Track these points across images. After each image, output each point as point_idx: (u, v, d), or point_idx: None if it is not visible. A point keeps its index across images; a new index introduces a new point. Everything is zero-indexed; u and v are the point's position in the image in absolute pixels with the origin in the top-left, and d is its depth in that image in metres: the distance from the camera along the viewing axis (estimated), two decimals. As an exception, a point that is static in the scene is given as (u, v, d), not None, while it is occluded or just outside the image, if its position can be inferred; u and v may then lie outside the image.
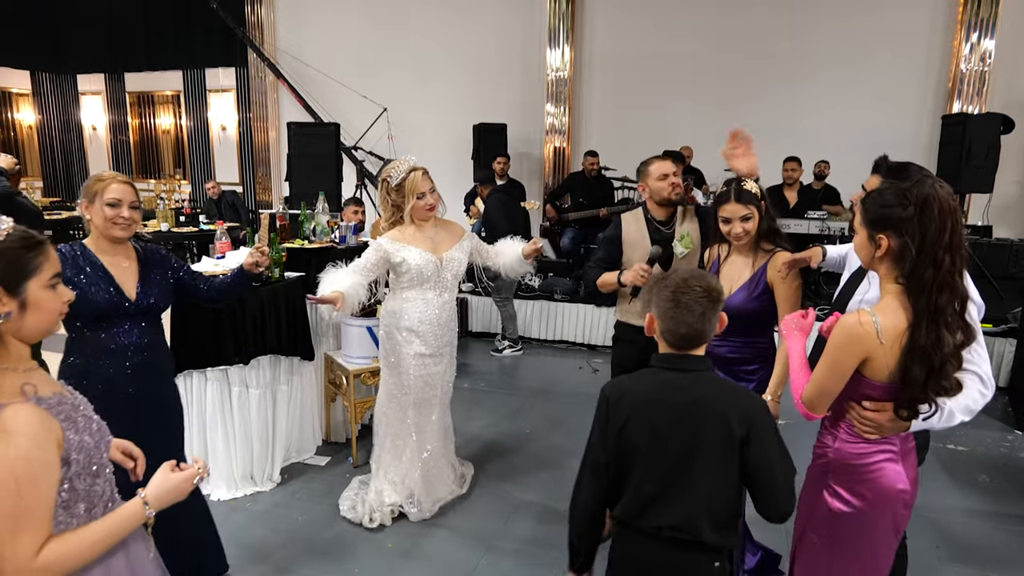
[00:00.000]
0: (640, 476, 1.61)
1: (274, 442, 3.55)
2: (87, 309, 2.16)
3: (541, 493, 3.49)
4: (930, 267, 1.55)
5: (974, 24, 6.93)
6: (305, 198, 4.99)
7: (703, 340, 1.61)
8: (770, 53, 7.65)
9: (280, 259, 3.60)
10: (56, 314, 1.35)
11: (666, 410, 1.58)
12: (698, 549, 1.59)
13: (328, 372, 4.01)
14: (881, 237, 1.62)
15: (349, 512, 3.22)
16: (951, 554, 3.02)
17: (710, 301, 1.57)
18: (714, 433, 1.55)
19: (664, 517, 1.59)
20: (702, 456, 1.56)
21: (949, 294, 1.56)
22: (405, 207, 3.06)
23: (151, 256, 2.41)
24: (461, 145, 8.29)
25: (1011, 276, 5.89)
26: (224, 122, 10.74)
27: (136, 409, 2.22)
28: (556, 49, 8.30)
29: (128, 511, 1.34)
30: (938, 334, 1.55)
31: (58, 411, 1.27)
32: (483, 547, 3.02)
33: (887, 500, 1.72)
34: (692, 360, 1.61)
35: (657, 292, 1.63)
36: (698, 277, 1.60)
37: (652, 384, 1.63)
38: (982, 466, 3.90)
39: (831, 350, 1.65)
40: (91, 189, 2.21)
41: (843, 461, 1.74)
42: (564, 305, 6.26)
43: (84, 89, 11.56)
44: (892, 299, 1.62)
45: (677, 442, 1.57)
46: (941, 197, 1.57)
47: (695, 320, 1.57)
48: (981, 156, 5.67)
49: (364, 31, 9.18)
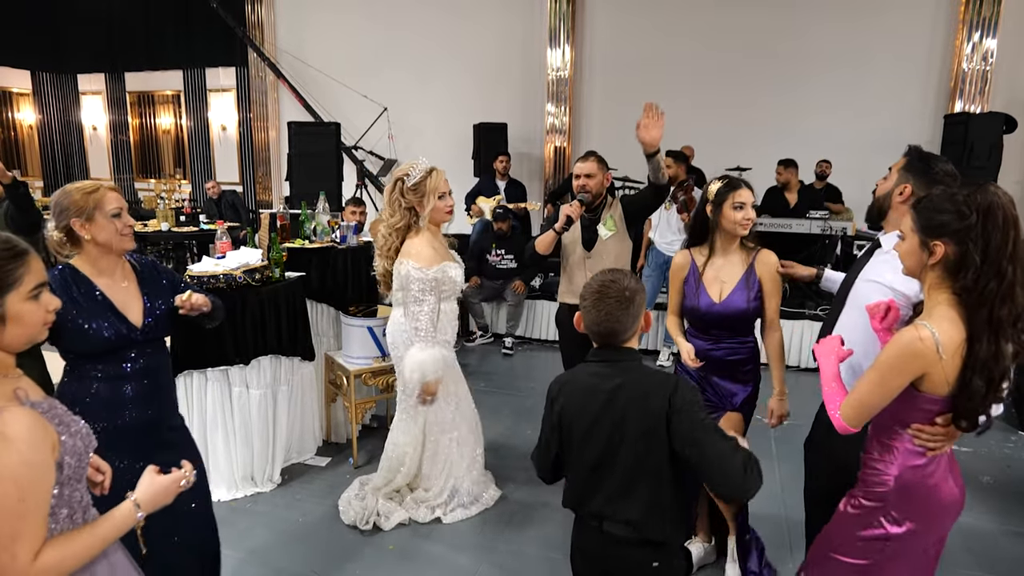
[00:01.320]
0: (577, 463, 1.74)
1: (274, 442, 3.54)
2: (87, 346, 1.92)
3: (542, 494, 3.47)
4: (994, 279, 1.49)
5: (976, 23, 6.91)
6: (306, 198, 4.98)
7: (621, 336, 1.69)
8: (771, 53, 7.64)
9: (281, 259, 3.59)
10: (40, 325, 1.31)
11: (594, 399, 1.69)
12: (635, 545, 1.67)
13: (329, 372, 4.00)
14: (937, 244, 1.54)
15: (347, 513, 3.21)
16: (953, 555, 3.00)
17: (620, 302, 1.65)
18: (637, 415, 1.64)
19: (599, 503, 1.69)
20: (629, 441, 1.64)
21: (1011, 305, 1.50)
22: (424, 208, 2.89)
23: (149, 271, 2.15)
24: (461, 145, 8.27)
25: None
26: (224, 122, 10.73)
27: (141, 434, 2.05)
28: (557, 49, 8.29)
29: (120, 514, 1.33)
30: (998, 347, 1.50)
31: (52, 415, 1.26)
32: (485, 549, 3.01)
33: (944, 515, 1.68)
34: (619, 351, 1.71)
35: (581, 293, 1.75)
36: (613, 280, 1.69)
37: (584, 376, 1.75)
38: (985, 467, 3.88)
39: (882, 367, 1.56)
40: (84, 204, 1.92)
41: (905, 486, 1.65)
42: (564, 305, 6.25)
43: (84, 89, 11.55)
44: (946, 309, 1.54)
45: (605, 429, 1.67)
46: (1005, 205, 1.51)
47: (604, 319, 1.67)
48: (983, 156, 5.66)
49: (364, 30, 9.17)
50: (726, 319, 2.47)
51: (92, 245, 1.95)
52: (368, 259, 4.07)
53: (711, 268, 2.52)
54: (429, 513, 3.21)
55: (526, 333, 6.40)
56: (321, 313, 4.00)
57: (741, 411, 2.55)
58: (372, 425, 4.24)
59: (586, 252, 3.24)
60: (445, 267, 2.94)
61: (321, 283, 3.87)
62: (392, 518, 3.14)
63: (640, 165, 3.36)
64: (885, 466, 1.67)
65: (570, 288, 3.31)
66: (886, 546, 1.68)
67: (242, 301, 3.28)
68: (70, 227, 1.93)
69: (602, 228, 3.23)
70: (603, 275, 1.72)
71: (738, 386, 2.55)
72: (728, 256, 2.51)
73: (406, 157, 9.22)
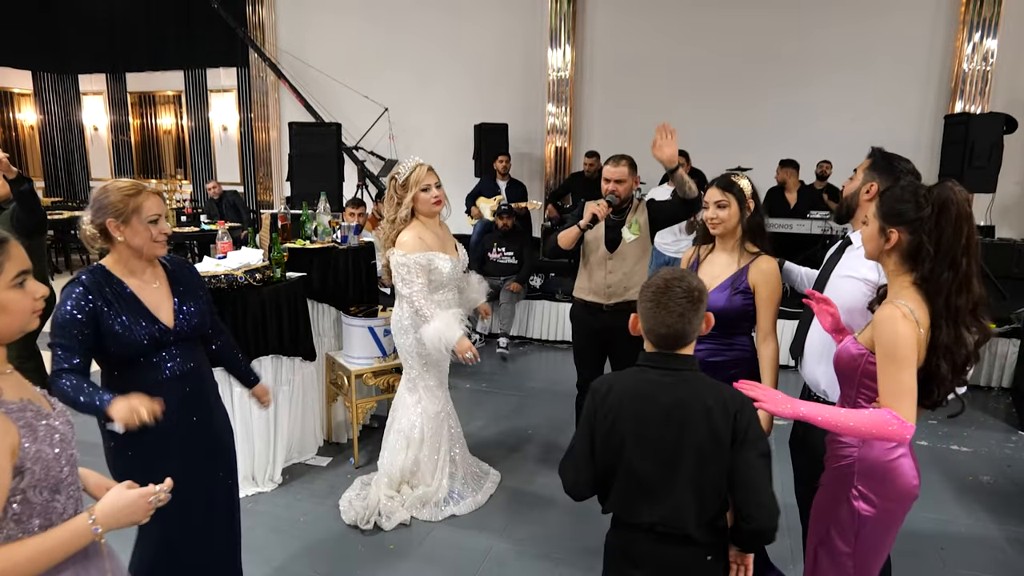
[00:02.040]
0: (627, 472, 1.61)
1: (276, 443, 3.55)
2: (122, 350, 1.91)
3: (543, 493, 3.48)
4: (948, 269, 1.58)
5: (976, 24, 6.91)
6: (306, 198, 4.99)
7: (686, 340, 1.60)
8: (772, 54, 7.64)
9: (282, 259, 3.60)
10: (28, 313, 1.27)
11: (651, 408, 1.59)
12: (688, 543, 1.59)
13: (330, 372, 4.00)
14: (892, 231, 1.64)
15: (348, 513, 3.22)
16: (955, 555, 3.00)
17: (690, 302, 1.56)
18: (700, 431, 1.55)
19: (653, 514, 1.59)
20: (689, 454, 1.56)
21: (967, 296, 1.59)
22: (408, 201, 3.08)
23: (180, 270, 2.13)
24: (462, 145, 8.28)
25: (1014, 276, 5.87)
26: (225, 122, 10.74)
27: (188, 442, 2.04)
28: (557, 49, 8.29)
29: (72, 527, 1.22)
30: (958, 333, 1.58)
31: (18, 416, 1.19)
32: (485, 548, 3.01)
33: (906, 496, 1.73)
34: (677, 359, 1.61)
35: (640, 293, 1.64)
36: (679, 278, 1.59)
37: (637, 382, 1.63)
38: (986, 467, 3.89)
39: (894, 349, 1.57)
40: (124, 207, 1.89)
41: (868, 462, 1.72)
42: (566, 305, 6.25)
43: (85, 89, 11.56)
44: (911, 292, 1.63)
45: (663, 440, 1.57)
46: (959, 201, 1.59)
47: (674, 321, 1.56)
48: (984, 156, 5.65)
49: (365, 31, 9.18)
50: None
51: (124, 247, 1.94)
52: (369, 260, 4.09)
53: (707, 263, 2.54)
54: (436, 511, 3.24)
55: (523, 333, 6.41)
56: (322, 313, 4.01)
57: None
58: (373, 425, 4.24)
59: (608, 252, 3.26)
60: (431, 256, 3.06)
61: (322, 283, 3.88)
62: (393, 518, 3.15)
63: (640, 165, 3.36)
64: (848, 437, 1.73)
65: (589, 285, 3.32)
66: (864, 525, 1.73)
67: (243, 301, 3.29)
68: (105, 226, 1.91)
69: (627, 231, 3.24)
70: (668, 273, 1.61)
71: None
72: (727, 253, 2.51)
73: (407, 158, 9.23)
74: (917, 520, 3.24)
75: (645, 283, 1.64)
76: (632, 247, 3.25)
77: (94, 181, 11.91)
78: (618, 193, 3.20)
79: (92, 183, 11.92)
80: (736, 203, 2.43)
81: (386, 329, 3.79)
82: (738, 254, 2.48)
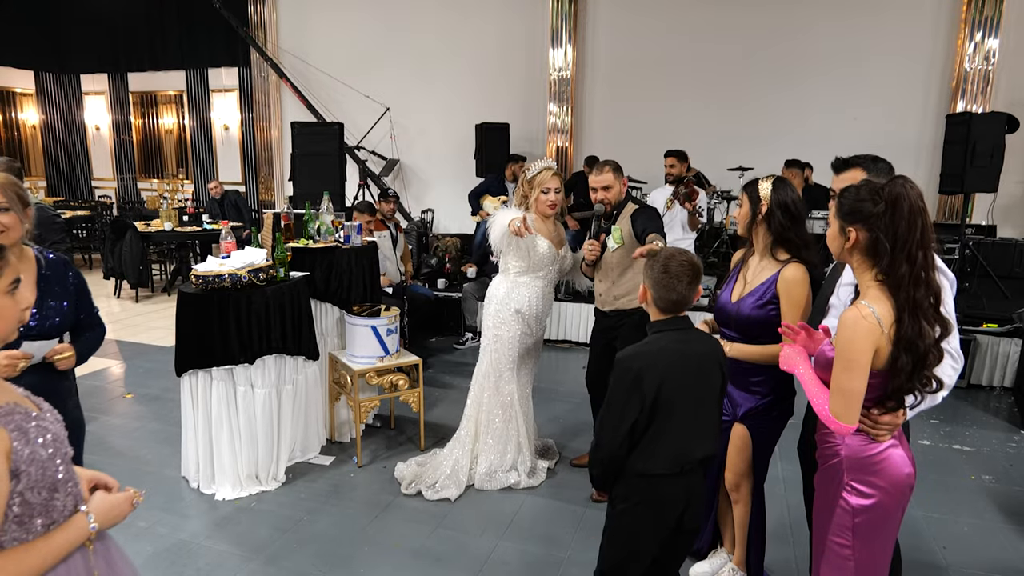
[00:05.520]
0: (677, 426, 1.88)
1: (279, 441, 3.56)
2: None
3: (545, 491, 3.49)
4: (905, 263, 1.65)
5: (978, 23, 6.91)
6: (309, 198, 4.99)
7: (687, 305, 1.92)
8: (774, 53, 7.65)
9: (285, 259, 3.61)
10: (15, 321, 1.28)
11: (688, 364, 1.89)
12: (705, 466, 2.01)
13: (333, 372, 4.01)
14: (851, 230, 1.73)
15: (401, 469, 3.57)
16: (956, 555, 3.01)
17: (693, 273, 1.90)
18: (716, 377, 1.94)
19: (705, 449, 1.94)
20: (710, 398, 1.94)
21: (925, 288, 1.65)
22: (530, 198, 3.38)
23: (54, 269, 2.11)
24: (463, 144, 8.29)
25: (1015, 276, 5.87)
26: (227, 122, 10.76)
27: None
28: (559, 48, 8.30)
29: (72, 525, 1.28)
30: (920, 325, 1.64)
31: (7, 421, 1.19)
32: (489, 545, 3.02)
33: (899, 485, 1.76)
34: (683, 320, 1.94)
35: (649, 266, 1.94)
36: (681, 252, 1.93)
37: (666, 345, 1.90)
38: (987, 467, 3.89)
39: (844, 351, 1.67)
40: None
41: (855, 456, 1.77)
42: (567, 305, 6.26)
43: (87, 89, 11.58)
44: (876, 291, 1.70)
45: (700, 387, 1.91)
46: (911, 197, 1.65)
47: (683, 288, 1.88)
48: (985, 156, 5.65)
49: (366, 31, 9.19)
50: (731, 319, 2.45)
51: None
52: (370, 260, 4.10)
53: (749, 268, 2.47)
54: (494, 480, 3.49)
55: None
56: (325, 313, 4.02)
57: (745, 423, 2.45)
58: (376, 425, 4.25)
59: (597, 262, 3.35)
60: (533, 238, 3.34)
61: (325, 283, 3.89)
62: (442, 492, 3.40)
63: (641, 165, 3.39)
64: (835, 438, 1.81)
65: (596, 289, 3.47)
66: (860, 518, 1.77)
67: (247, 301, 3.30)
68: None
69: (609, 240, 3.25)
70: (682, 255, 1.90)
71: (744, 395, 2.45)
72: (760, 260, 2.44)
73: (408, 157, 9.25)
74: (919, 519, 3.25)
75: (650, 260, 1.92)
76: (616, 256, 3.26)
77: (96, 181, 11.94)
78: (608, 200, 3.23)
79: (94, 183, 11.95)
80: (748, 202, 2.40)
81: (389, 328, 3.80)
82: (768, 261, 2.40)
